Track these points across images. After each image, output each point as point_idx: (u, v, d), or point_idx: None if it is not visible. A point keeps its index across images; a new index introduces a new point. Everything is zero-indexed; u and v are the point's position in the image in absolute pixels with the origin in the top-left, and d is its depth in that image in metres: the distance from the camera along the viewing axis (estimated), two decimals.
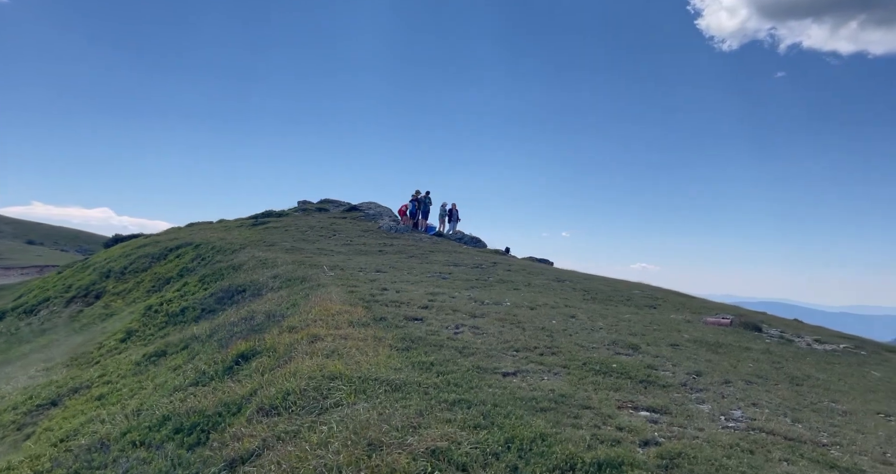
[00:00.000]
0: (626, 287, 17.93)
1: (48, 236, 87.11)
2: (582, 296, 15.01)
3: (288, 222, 29.78)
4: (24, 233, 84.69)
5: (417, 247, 23.06)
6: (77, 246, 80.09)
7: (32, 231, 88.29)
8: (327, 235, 25.39)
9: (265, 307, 10.73)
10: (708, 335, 10.31)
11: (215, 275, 18.33)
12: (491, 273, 17.60)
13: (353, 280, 13.89)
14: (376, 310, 9.29)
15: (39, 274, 48.05)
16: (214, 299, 15.32)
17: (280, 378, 5.63)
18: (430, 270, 17.09)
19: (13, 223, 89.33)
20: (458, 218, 29.91)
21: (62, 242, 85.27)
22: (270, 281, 15.19)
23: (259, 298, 13.46)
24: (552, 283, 16.52)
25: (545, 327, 9.17)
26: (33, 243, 77.67)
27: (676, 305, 15.34)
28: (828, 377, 8.11)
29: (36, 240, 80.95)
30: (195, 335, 10.04)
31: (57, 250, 70.07)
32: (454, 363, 6.60)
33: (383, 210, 33.72)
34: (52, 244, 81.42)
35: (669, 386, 6.61)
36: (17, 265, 54.12)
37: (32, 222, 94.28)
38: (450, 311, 9.91)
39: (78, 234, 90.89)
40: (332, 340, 6.93)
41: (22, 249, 67.00)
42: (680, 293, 19.43)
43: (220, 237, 25.25)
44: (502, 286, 15.04)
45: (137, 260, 25.72)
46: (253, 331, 9.04)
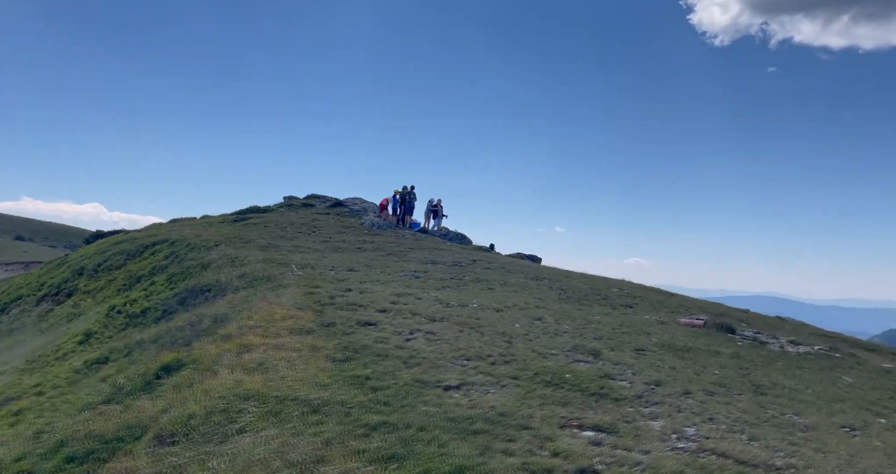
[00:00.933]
0: (606, 285, 17.50)
1: (37, 232, 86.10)
2: (558, 295, 14.56)
3: (269, 218, 29.18)
4: (12, 228, 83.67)
5: (398, 245, 22.55)
6: (66, 241, 79.15)
7: (21, 227, 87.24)
8: (307, 232, 24.83)
9: (216, 310, 10.22)
10: (678, 338, 9.88)
11: (184, 273, 17.79)
12: (468, 271, 17.12)
13: (319, 280, 13.38)
14: (328, 315, 8.80)
15: (25, 270, 47.24)
16: (178, 300, 14.79)
17: (191, 397, 5.14)
18: (404, 269, 16.59)
19: (2, 218, 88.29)
20: (443, 214, 29.41)
21: (52, 238, 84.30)
22: (236, 280, 14.67)
23: (220, 299, 12.96)
24: (529, 282, 16.06)
25: (505, 332, 8.70)
26: (22, 239, 76.73)
27: (654, 304, 14.92)
28: (795, 384, 7.69)
29: (25, 235, 79.95)
30: (139, 341, 9.53)
31: (45, 246, 69.19)
32: (393, 376, 6.12)
33: (368, 206, 33.17)
34: (42, 240, 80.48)
35: (623, 400, 6.16)
36: (1, 261, 53.31)
37: (22, 218, 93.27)
38: (409, 315, 9.43)
39: (68, 230, 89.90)
40: (263, 351, 6.44)
41: (9, 245, 66.10)
42: (661, 291, 19.03)
43: (196, 234, 24.65)
44: (476, 285, 14.56)
45: (112, 257, 25.11)
46: (197, 337, 8.53)
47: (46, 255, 55.61)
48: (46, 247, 66.29)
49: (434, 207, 28.82)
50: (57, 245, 72.36)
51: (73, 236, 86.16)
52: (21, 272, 43.63)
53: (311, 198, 38.36)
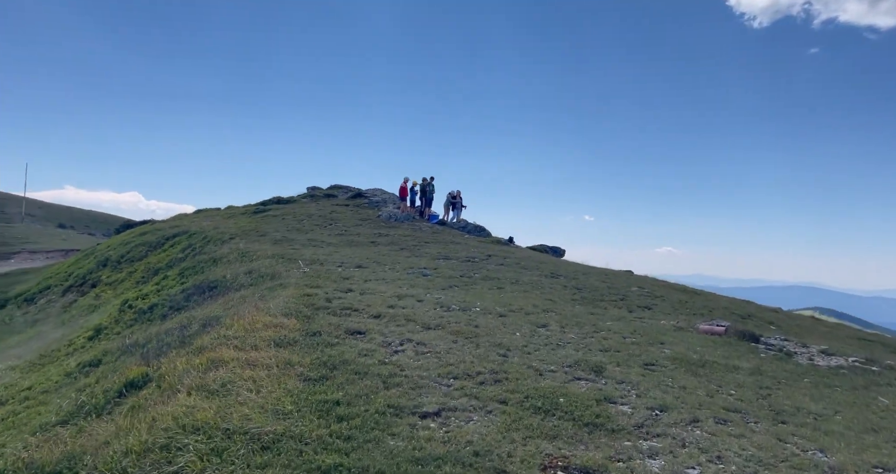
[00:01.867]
0: (626, 283, 16.63)
1: (78, 220, 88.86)
2: (571, 295, 13.82)
3: (289, 210, 29.05)
4: (55, 216, 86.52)
5: (413, 238, 22.04)
6: (105, 229, 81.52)
7: (64, 215, 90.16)
8: (323, 224, 24.55)
9: (208, 312, 9.89)
10: (694, 348, 9.07)
11: (195, 268, 17.68)
12: (480, 268, 16.49)
13: (322, 278, 12.97)
14: (317, 322, 8.33)
15: (64, 257, 48.65)
16: (185, 296, 14.61)
17: (137, 426, 4.70)
18: (414, 265, 16.07)
19: (45, 207, 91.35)
20: (462, 205, 28.74)
21: (92, 226, 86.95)
22: (242, 277, 14.41)
23: (221, 298, 12.68)
24: (542, 280, 15.34)
25: (502, 343, 8.07)
26: (64, 227, 79.31)
27: (675, 305, 14.04)
28: (822, 409, 6.86)
29: (67, 223, 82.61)
30: (132, 343, 9.26)
31: (84, 234, 71.26)
32: (366, 400, 5.59)
33: (388, 197, 32.75)
34: (83, 228, 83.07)
35: (620, 431, 5.49)
36: (42, 249, 55.04)
37: (64, 206, 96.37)
38: (403, 321, 8.89)
39: (107, 218, 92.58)
40: (232, 368, 5.98)
41: (51, 233, 68.34)
42: (685, 289, 18.04)
43: (214, 226, 24.65)
44: (485, 284, 13.93)
45: (135, 248, 25.37)
46: (182, 344, 8.19)
47: (85, 243, 57.18)
48: (85, 236, 68.24)
49: (453, 199, 28.16)
50: (95, 233, 74.46)
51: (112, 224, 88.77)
52: (60, 259, 44.97)
53: (333, 189, 38.19)
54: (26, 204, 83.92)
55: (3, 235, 58.01)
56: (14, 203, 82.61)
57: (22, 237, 58.79)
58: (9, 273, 47.05)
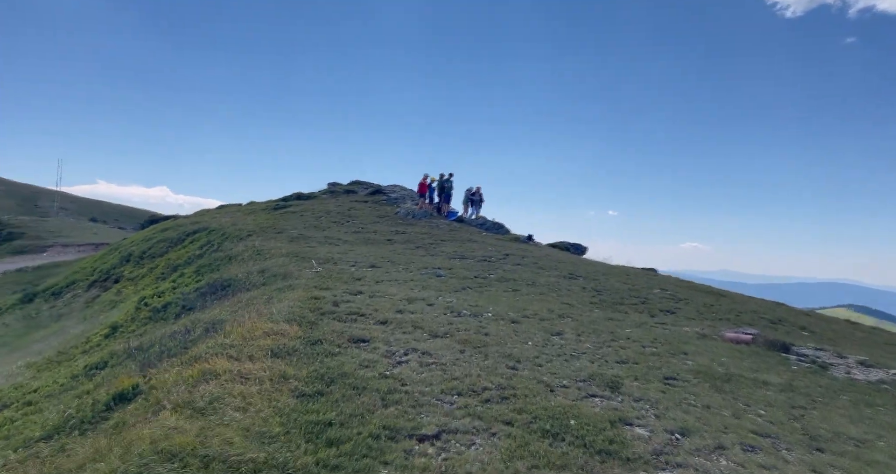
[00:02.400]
0: (648, 284, 15.95)
1: (109, 214, 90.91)
2: (590, 298, 13.24)
3: (308, 206, 28.94)
4: (88, 210, 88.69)
5: (430, 236, 21.64)
6: (134, 223, 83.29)
7: (96, 209, 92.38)
8: (341, 221, 24.32)
9: (213, 315, 9.64)
10: (720, 359, 8.46)
11: (210, 266, 17.59)
12: (496, 268, 16.00)
13: (333, 279, 12.66)
14: (319, 329, 7.98)
15: (94, 251, 49.70)
16: (198, 294, 14.48)
17: (113, 449, 4.39)
18: (428, 265, 15.66)
19: (78, 201, 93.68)
20: (481, 200, 28.22)
21: (122, 220, 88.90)
22: (255, 276, 14.21)
23: (231, 298, 12.47)
24: (560, 282, 14.78)
25: (512, 354, 7.60)
26: (96, 221, 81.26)
27: (700, 309, 13.34)
28: (863, 433, 6.22)
29: (98, 217, 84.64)
30: (137, 347, 9.06)
31: (115, 228, 72.82)
32: (361, 420, 5.20)
33: (407, 193, 32.42)
34: (113, 222, 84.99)
35: (636, 460, 4.99)
36: (74, 242, 56.33)
37: (96, 200, 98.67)
38: (410, 328, 8.48)
39: (136, 212, 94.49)
40: (223, 382, 5.65)
41: (84, 227, 69.95)
42: (711, 289, 17.25)
43: (233, 223, 24.64)
44: (500, 286, 13.45)
45: (156, 244, 25.55)
46: (183, 349, 7.93)
47: (115, 237, 58.38)
48: (115, 229, 69.73)
49: (472, 195, 27.66)
50: (125, 227, 76.06)
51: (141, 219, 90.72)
52: (91, 253, 45.94)
53: (353, 185, 38.03)
54: (60, 198, 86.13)
55: (37, 229, 59.60)
56: (48, 197, 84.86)
57: (55, 231, 60.32)
58: (42, 266, 48.24)
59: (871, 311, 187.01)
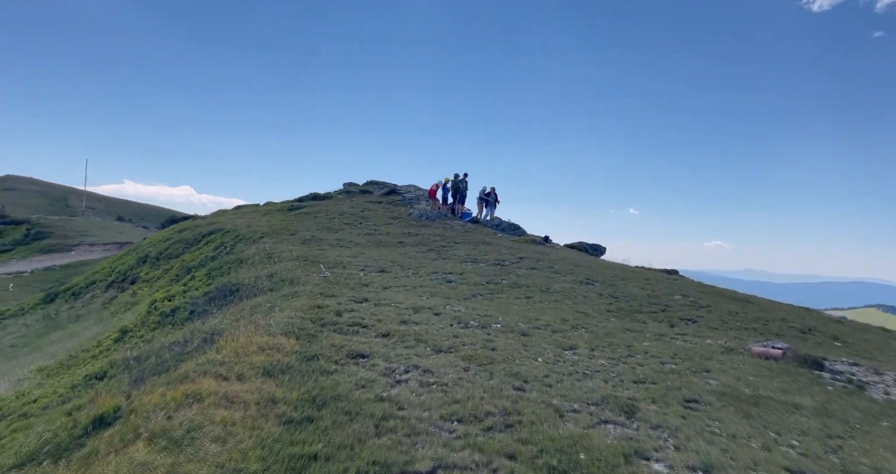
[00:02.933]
0: (668, 290, 15.22)
1: (136, 213, 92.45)
2: (606, 305, 12.62)
3: (323, 207, 28.70)
4: (114, 210, 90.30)
5: (444, 238, 21.17)
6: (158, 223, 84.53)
7: (122, 208, 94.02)
8: (354, 223, 23.99)
9: (212, 325, 9.30)
10: (746, 378, 7.81)
11: (221, 269, 17.37)
12: (509, 273, 15.45)
13: (340, 285, 12.27)
14: (318, 343, 7.56)
15: (119, 250, 50.30)
16: (207, 299, 14.24)
17: None
18: (440, 269, 15.19)
19: (105, 200, 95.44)
20: (496, 201, 27.64)
21: (147, 219, 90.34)
22: (264, 281, 13.90)
23: (239, 304, 12.17)
24: (576, 287, 14.16)
25: (520, 372, 7.07)
26: (122, 220, 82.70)
27: (724, 317, 12.61)
28: None
29: (124, 216, 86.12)
30: (136, 357, 8.77)
31: (140, 227, 73.91)
32: (350, 453, 4.75)
33: (422, 193, 31.98)
34: (139, 221, 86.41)
35: None
36: (100, 241, 57.22)
37: (122, 200, 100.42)
38: (413, 342, 8.01)
39: (161, 212, 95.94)
40: (206, 406, 5.25)
41: (109, 226, 71.13)
42: (735, 295, 16.43)
43: (247, 224, 24.50)
44: (512, 293, 12.91)
45: (173, 245, 25.56)
46: (177, 363, 7.59)
47: (139, 236, 59.13)
48: (140, 229, 70.74)
49: (486, 196, 27.09)
50: (150, 226, 77.23)
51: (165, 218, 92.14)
52: (116, 252, 46.56)
53: (369, 185, 37.74)
54: (88, 198, 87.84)
55: (65, 228, 60.72)
56: (78, 197, 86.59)
57: (82, 230, 61.40)
58: (69, 264, 48.99)
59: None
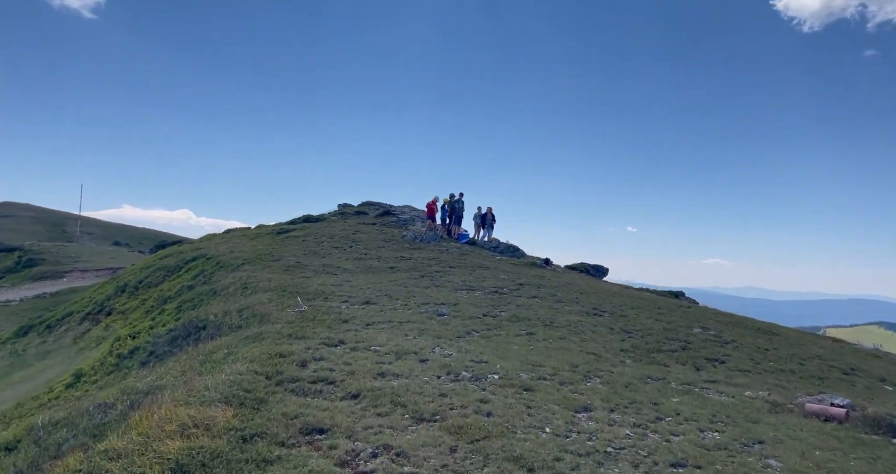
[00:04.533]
0: (685, 321, 13.49)
1: (133, 238, 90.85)
2: (619, 341, 10.90)
3: (313, 230, 27.07)
4: (112, 234, 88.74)
5: (438, 263, 19.50)
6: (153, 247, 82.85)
7: (120, 233, 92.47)
8: (343, 246, 22.34)
9: (149, 381, 7.57)
10: (812, 455, 6.04)
11: (193, 302, 15.67)
12: (508, 302, 13.74)
13: (316, 322, 10.58)
14: (266, 412, 5.84)
15: (112, 275, 48.48)
16: (170, 338, 12.52)
17: None
18: (433, 299, 13.49)
19: (103, 225, 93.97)
20: (493, 221, 26.03)
21: (144, 243, 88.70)
22: (233, 317, 12.20)
23: (202, 345, 10.45)
24: (584, 320, 12.44)
25: (522, 454, 5.32)
26: (119, 244, 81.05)
27: (753, 355, 10.87)
28: None
29: (122, 241, 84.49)
30: (49, 423, 7.03)
31: (135, 252, 72.25)
32: None
33: (417, 214, 30.43)
34: (136, 245, 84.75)
35: None
36: (93, 267, 55.48)
37: (120, 224, 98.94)
38: (388, 406, 6.29)
39: (158, 236, 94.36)
40: None
41: (102, 251, 69.42)
42: (759, 326, 14.67)
43: (230, 249, 22.84)
44: (512, 328, 11.19)
45: (153, 273, 23.84)
46: (90, 438, 5.87)
47: (132, 261, 57.35)
48: (137, 253, 69.04)
49: (483, 216, 25.51)
50: (145, 251, 75.60)
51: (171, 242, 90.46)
52: (110, 277, 44.77)
53: (364, 206, 36.21)
54: (86, 223, 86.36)
55: (57, 254, 59.01)
56: (75, 222, 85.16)
57: (75, 256, 59.69)
58: (60, 291, 47.13)
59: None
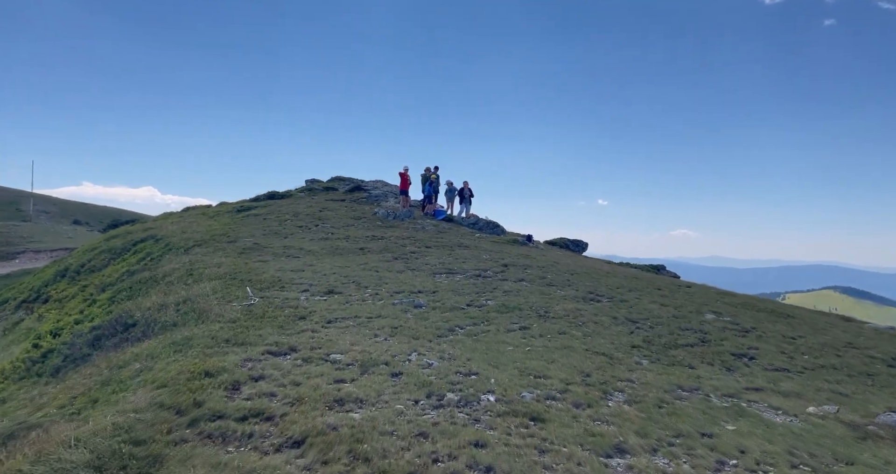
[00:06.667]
0: (694, 306, 11.80)
1: (94, 216, 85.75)
2: (628, 335, 9.13)
3: (277, 207, 24.58)
4: (71, 213, 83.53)
5: (413, 242, 17.43)
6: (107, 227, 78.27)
7: (80, 211, 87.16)
8: (308, 225, 20.03)
9: (26, 413, 5.43)
10: None
11: (130, 290, 13.31)
12: (494, 287, 11.83)
13: (264, 320, 8.47)
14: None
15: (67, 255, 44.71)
16: (92, 338, 10.26)
17: None
18: (408, 286, 11.49)
19: (61, 204, 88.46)
20: (471, 196, 23.95)
21: (106, 222, 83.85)
22: (169, 312, 9.98)
23: (123, 349, 8.26)
24: (582, 308, 10.62)
25: None
26: (79, 223, 76.27)
27: (783, 347, 9.23)
28: None
29: (82, 220, 79.58)
30: None
31: (94, 231, 67.87)
32: None
33: (390, 190, 28.12)
34: (97, 224, 79.94)
35: None
36: (48, 248, 51.51)
37: (80, 203, 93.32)
38: (346, 459, 4.31)
39: (121, 214, 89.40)
40: None
41: (58, 231, 64.94)
42: (774, 309, 13.09)
43: (182, 230, 20.26)
44: (502, 321, 9.29)
45: (97, 256, 21.11)
46: None
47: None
48: (95, 232, 64.79)
49: (460, 191, 23.40)
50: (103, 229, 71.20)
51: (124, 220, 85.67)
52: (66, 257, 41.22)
53: (334, 181, 33.64)
54: (42, 201, 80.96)
55: (8, 234, 54.66)
56: (28, 200, 79.69)
57: (27, 236, 55.41)
58: (10, 274, 43.32)
59: (857, 292, 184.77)
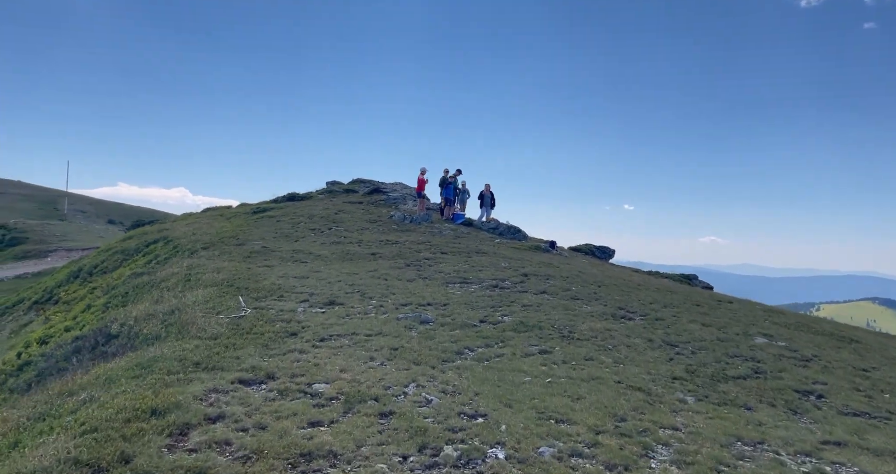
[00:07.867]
0: (741, 327, 10.29)
1: (128, 216, 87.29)
2: (666, 362, 7.75)
3: (293, 208, 23.76)
4: (105, 213, 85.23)
5: (429, 247, 16.27)
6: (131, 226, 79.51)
7: (114, 211, 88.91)
8: (322, 228, 19.07)
9: None
10: None
11: (125, 297, 12.48)
12: (512, 301, 10.55)
13: (249, 337, 7.41)
14: None
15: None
16: (72, 350, 9.38)
17: None
18: (417, 297, 10.31)
19: (96, 203, 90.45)
20: (493, 201, 22.67)
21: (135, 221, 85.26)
22: (156, 322, 9.03)
23: (91, 365, 7.30)
24: (612, 328, 9.25)
25: None
26: (113, 223, 77.69)
27: (854, 381, 7.72)
28: None
29: (116, 219, 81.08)
30: None
31: (122, 230, 68.84)
32: None
33: (409, 192, 27.07)
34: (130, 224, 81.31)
35: None
36: (79, 246, 52.19)
37: (114, 203, 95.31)
38: None
39: (153, 214, 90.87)
40: None
41: (91, 230, 66.06)
42: (833, 332, 11.48)
43: (193, 231, 19.56)
44: (519, 343, 8.02)
45: (110, 257, 20.60)
46: None
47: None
48: (122, 232, 65.64)
49: (481, 195, 22.13)
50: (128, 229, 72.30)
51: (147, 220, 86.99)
52: None
53: (354, 184, 32.82)
54: (78, 201, 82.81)
55: (42, 233, 55.69)
56: (64, 199, 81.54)
57: (61, 234, 56.38)
58: (43, 271, 43.73)
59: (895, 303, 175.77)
